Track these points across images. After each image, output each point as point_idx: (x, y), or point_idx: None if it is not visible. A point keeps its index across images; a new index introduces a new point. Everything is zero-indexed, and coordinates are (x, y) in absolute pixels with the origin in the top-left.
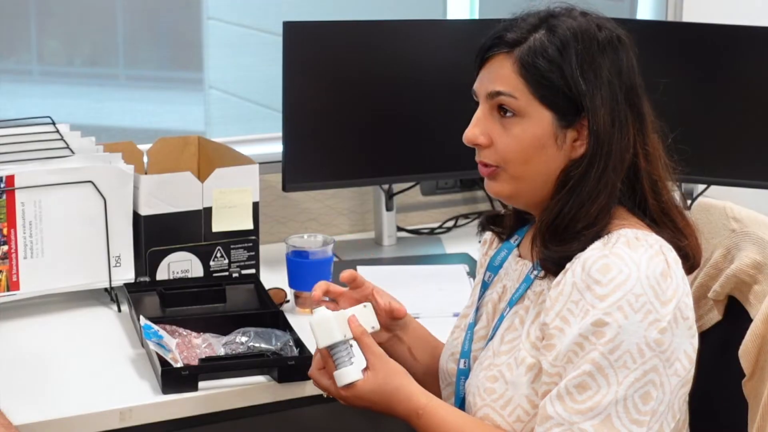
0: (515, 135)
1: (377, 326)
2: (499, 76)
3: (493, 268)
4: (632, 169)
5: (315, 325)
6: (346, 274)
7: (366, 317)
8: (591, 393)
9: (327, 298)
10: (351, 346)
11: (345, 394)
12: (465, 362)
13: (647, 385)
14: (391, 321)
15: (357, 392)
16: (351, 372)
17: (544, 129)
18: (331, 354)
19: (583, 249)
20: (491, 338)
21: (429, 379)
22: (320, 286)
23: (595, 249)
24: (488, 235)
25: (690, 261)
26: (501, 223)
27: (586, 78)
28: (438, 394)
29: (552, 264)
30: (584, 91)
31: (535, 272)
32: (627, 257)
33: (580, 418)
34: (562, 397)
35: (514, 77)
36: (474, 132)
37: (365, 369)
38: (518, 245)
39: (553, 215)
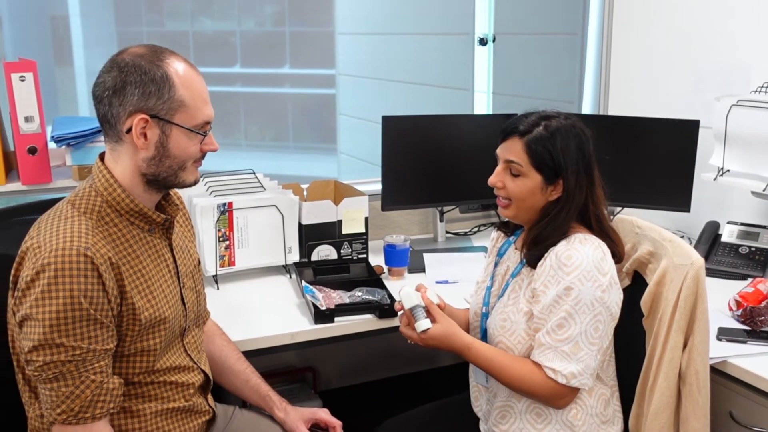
0: (518, 185)
1: (437, 300)
2: (513, 151)
3: (501, 254)
4: (584, 209)
5: (403, 296)
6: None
7: (432, 294)
8: (566, 329)
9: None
10: (423, 308)
11: (423, 337)
12: (486, 308)
13: (597, 322)
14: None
15: (430, 335)
16: (425, 323)
17: (536, 185)
18: (412, 313)
19: (554, 245)
20: (501, 296)
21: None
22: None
23: (561, 245)
24: (495, 234)
25: (617, 258)
26: (507, 227)
27: (565, 160)
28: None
29: (534, 260)
30: (563, 168)
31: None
32: (581, 249)
33: (561, 344)
34: (549, 332)
35: (522, 153)
36: (495, 180)
37: (434, 322)
38: (515, 242)
39: (535, 234)
